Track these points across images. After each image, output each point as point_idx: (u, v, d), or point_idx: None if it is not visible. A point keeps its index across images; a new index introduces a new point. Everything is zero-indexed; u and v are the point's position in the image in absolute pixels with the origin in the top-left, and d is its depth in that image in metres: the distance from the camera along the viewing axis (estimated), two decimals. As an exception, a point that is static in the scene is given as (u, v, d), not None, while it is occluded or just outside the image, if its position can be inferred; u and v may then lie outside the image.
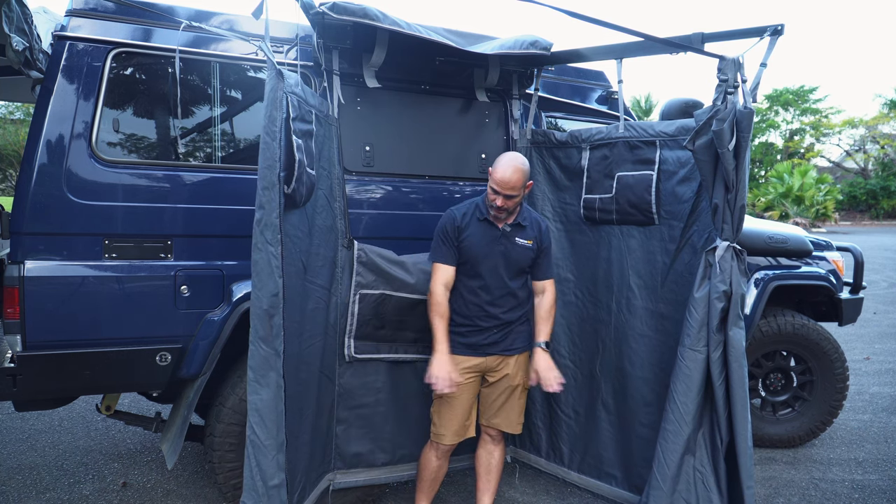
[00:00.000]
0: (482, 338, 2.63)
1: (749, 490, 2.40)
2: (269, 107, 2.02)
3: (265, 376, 2.06)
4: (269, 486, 2.07)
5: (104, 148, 2.49)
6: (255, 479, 2.06)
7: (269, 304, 2.03)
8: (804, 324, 3.83)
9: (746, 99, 2.28)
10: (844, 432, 4.24)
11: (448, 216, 2.63)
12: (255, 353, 2.06)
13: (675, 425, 2.50)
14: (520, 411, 2.75)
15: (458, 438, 2.68)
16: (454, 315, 2.64)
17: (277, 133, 2.01)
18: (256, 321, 2.04)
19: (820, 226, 25.92)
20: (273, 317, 2.04)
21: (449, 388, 2.47)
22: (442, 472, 2.77)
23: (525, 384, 2.71)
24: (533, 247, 2.64)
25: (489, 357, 2.65)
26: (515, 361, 2.68)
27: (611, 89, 3.89)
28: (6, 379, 2.35)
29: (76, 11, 2.48)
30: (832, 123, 35.54)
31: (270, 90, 2.02)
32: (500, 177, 2.48)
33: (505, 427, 2.73)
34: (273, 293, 2.03)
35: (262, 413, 2.07)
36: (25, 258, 2.36)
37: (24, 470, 3.46)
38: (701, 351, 2.45)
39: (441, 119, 3.12)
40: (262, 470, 2.06)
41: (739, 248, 2.42)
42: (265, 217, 2.01)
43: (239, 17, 2.75)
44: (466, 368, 2.63)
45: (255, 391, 2.06)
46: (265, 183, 2.00)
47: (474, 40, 2.93)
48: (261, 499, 2.07)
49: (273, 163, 2.01)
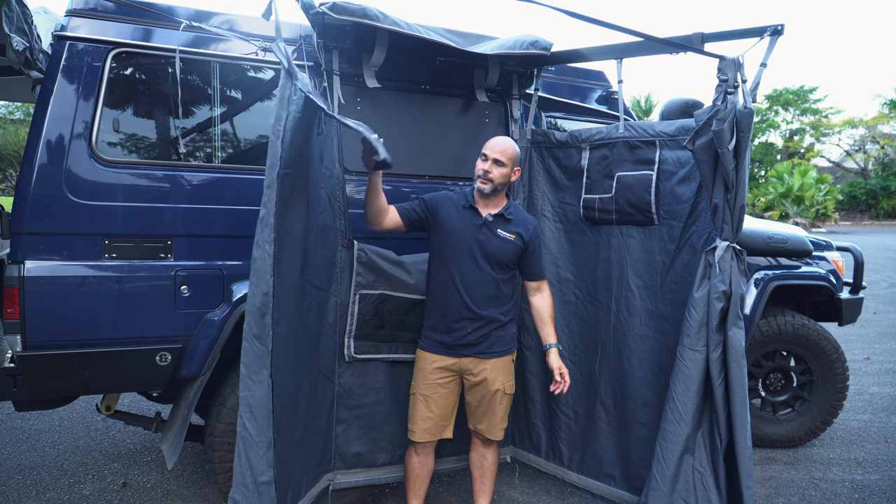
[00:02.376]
0: (457, 337, 2.57)
1: (748, 490, 2.40)
2: (276, 105, 2.04)
3: (258, 373, 2.07)
4: (259, 482, 2.07)
5: (104, 148, 2.49)
6: (245, 475, 2.06)
7: (261, 302, 2.04)
8: (804, 324, 3.83)
9: (746, 99, 2.28)
10: (844, 432, 4.24)
11: (435, 193, 2.70)
12: (248, 350, 2.07)
13: (674, 425, 2.50)
14: (501, 417, 2.68)
15: (429, 437, 2.66)
16: (429, 311, 2.65)
17: (281, 132, 2.02)
18: (250, 318, 2.06)
19: (820, 226, 25.93)
20: (265, 315, 2.05)
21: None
22: (425, 469, 2.74)
23: (506, 389, 2.64)
24: (517, 241, 2.58)
25: (464, 359, 2.60)
26: (494, 366, 2.61)
27: (611, 89, 3.89)
28: (6, 379, 2.35)
29: (76, 11, 2.48)
30: (832, 123, 35.56)
31: (280, 88, 2.04)
32: (490, 142, 2.59)
33: (486, 433, 2.70)
34: (265, 292, 2.04)
35: (253, 409, 2.07)
36: (25, 258, 2.36)
37: (24, 470, 3.46)
38: (700, 351, 2.45)
39: (441, 119, 3.12)
40: (252, 466, 2.07)
41: (739, 248, 2.42)
42: (266, 215, 2.02)
43: (239, 17, 2.75)
44: (440, 368, 2.60)
45: (248, 388, 2.07)
46: (267, 181, 2.02)
47: (474, 40, 2.93)
48: (250, 494, 2.07)
49: (275, 161, 2.02)
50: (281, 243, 2.12)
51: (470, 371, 2.61)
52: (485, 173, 2.54)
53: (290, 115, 2.07)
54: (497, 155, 2.53)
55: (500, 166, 2.54)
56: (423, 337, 2.69)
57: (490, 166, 2.53)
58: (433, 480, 3.32)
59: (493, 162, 2.53)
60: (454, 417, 2.72)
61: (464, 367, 2.62)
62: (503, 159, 2.54)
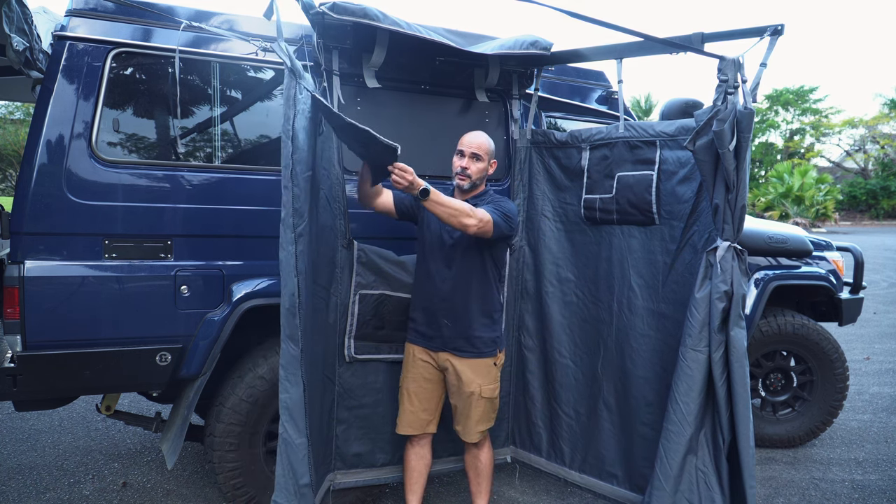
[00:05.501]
0: (434, 329, 2.61)
1: (751, 490, 2.40)
2: (283, 106, 2.04)
3: (294, 374, 2.08)
4: (301, 484, 2.07)
5: (104, 148, 2.48)
6: (288, 479, 2.06)
7: (289, 303, 2.05)
8: (804, 324, 3.83)
9: (747, 99, 2.28)
10: (844, 432, 4.24)
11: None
12: (285, 352, 2.07)
13: (677, 425, 2.50)
14: (477, 420, 2.65)
15: (411, 430, 2.68)
16: (413, 304, 2.71)
17: (290, 131, 2.02)
18: (284, 320, 2.06)
19: (820, 226, 25.93)
20: (294, 316, 2.05)
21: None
22: (422, 463, 2.74)
23: (483, 392, 2.62)
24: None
25: (442, 353, 2.62)
26: (471, 367, 2.61)
27: (611, 89, 3.89)
28: (6, 379, 2.35)
29: (76, 11, 2.48)
30: (832, 123, 35.56)
31: (285, 88, 2.04)
32: (465, 138, 2.61)
33: (461, 434, 2.70)
34: (291, 292, 2.04)
35: (292, 412, 2.07)
36: (25, 258, 2.35)
37: (24, 470, 3.46)
38: (702, 351, 2.45)
39: (441, 119, 3.12)
40: (294, 469, 2.06)
41: (740, 248, 2.42)
42: (285, 217, 2.02)
43: (239, 17, 2.75)
44: (423, 361, 2.65)
45: (286, 389, 2.07)
46: (284, 182, 2.01)
47: (474, 40, 2.93)
48: (292, 498, 2.06)
49: (288, 161, 2.01)
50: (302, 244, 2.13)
51: (447, 369, 2.63)
52: (462, 170, 2.57)
53: (297, 114, 2.06)
54: (474, 149, 2.56)
55: (478, 161, 2.58)
56: (409, 329, 2.74)
57: (468, 162, 2.56)
58: (433, 480, 3.33)
59: (470, 157, 2.56)
60: (439, 413, 2.73)
61: (442, 363, 2.64)
62: (480, 153, 2.57)
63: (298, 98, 2.08)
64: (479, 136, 2.61)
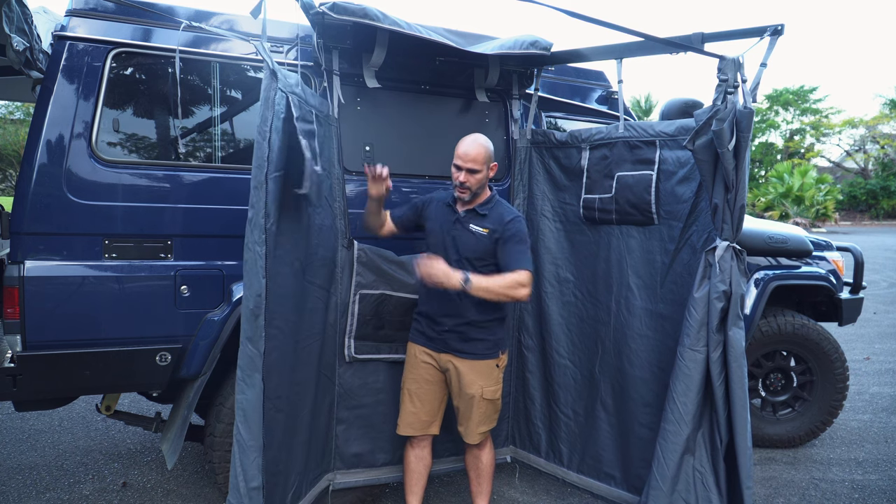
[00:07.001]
0: (437, 330, 2.61)
1: (748, 490, 2.40)
2: (262, 106, 2.02)
3: (251, 376, 2.08)
4: (250, 487, 2.08)
5: (104, 148, 2.49)
6: (238, 480, 2.07)
7: (254, 304, 2.04)
8: (804, 324, 3.83)
9: (746, 99, 2.28)
10: (844, 432, 4.24)
11: (429, 195, 2.77)
12: (243, 353, 2.07)
13: (674, 425, 2.50)
14: (478, 421, 2.64)
15: (411, 431, 2.68)
16: (418, 304, 2.71)
17: (268, 133, 2.01)
18: (244, 321, 2.05)
19: (820, 226, 25.92)
20: (258, 317, 2.05)
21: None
22: (421, 464, 2.74)
23: (484, 394, 2.61)
24: (488, 236, 2.55)
25: (444, 355, 2.61)
26: (472, 369, 2.60)
27: (611, 89, 3.89)
28: (6, 379, 2.35)
29: (76, 11, 2.48)
30: (832, 123, 35.54)
31: (264, 90, 2.02)
32: (461, 150, 2.54)
33: (463, 435, 2.70)
34: (257, 293, 2.03)
35: (246, 413, 2.08)
36: (25, 258, 2.36)
37: (24, 470, 3.46)
38: (700, 351, 2.45)
39: (441, 119, 3.12)
40: (245, 471, 2.07)
41: (739, 248, 2.42)
42: (255, 217, 2.01)
43: (239, 17, 2.75)
44: (425, 362, 2.65)
45: (242, 391, 2.08)
46: (255, 182, 2.01)
47: (474, 40, 2.93)
48: (242, 499, 2.07)
49: (262, 162, 2.01)
50: (274, 244, 2.12)
51: (449, 370, 2.63)
52: (461, 184, 2.55)
53: (274, 116, 2.05)
54: (469, 164, 2.52)
55: (475, 174, 2.54)
56: (412, 329, 2.73)
57: (465, 177, 2.53)
58: (433, 480, 3.33)
59: (466, 172, 2.53)
60: (441, 414, 2.73)
61: (444, 365, 2.63)
62: (476, 167, 2.52)
63: (276, 100, 2.07)
64: (473, 148, 2.52)
